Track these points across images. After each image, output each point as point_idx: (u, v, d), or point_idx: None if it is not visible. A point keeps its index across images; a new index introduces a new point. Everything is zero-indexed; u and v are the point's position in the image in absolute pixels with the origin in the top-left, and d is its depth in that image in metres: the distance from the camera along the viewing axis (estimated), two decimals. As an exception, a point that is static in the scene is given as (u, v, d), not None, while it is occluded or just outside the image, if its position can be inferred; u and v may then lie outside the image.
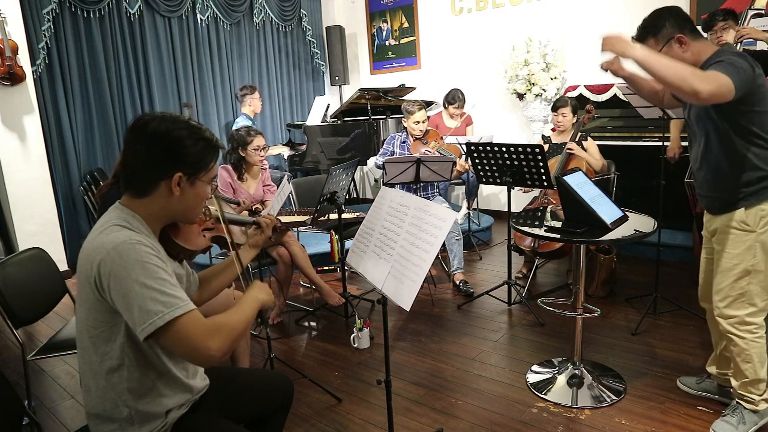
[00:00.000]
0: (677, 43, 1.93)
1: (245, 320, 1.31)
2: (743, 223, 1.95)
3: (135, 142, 1.29)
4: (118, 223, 1.26)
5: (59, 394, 2.77)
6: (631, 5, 4.74)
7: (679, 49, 1.93)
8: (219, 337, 1.21)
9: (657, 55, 1.86)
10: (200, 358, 1.22)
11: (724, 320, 2.06)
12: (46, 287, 2.40)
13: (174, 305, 1.17)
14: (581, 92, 4.73)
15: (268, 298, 1.42)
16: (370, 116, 5.33)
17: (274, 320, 3.47)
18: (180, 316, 1.17)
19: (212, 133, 1.38)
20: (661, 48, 1.95)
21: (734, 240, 1.98)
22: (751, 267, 1.96)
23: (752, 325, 2.01)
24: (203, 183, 1.35)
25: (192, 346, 1.18)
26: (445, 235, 1.59)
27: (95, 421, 1.34)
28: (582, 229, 2.24)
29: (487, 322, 3.33)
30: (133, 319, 1.17)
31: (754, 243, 1.94)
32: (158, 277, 1.19)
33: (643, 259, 4.11)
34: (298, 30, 6.68)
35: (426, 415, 2.39)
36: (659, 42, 1.96)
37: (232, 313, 1.30)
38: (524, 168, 3.24)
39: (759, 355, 2.01)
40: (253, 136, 3.25)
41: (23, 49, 4.25)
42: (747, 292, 1.99)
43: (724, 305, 2.05)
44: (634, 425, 2.22)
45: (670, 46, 1.94)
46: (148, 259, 1.20)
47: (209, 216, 1.52)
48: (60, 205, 4.70)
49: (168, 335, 1.17)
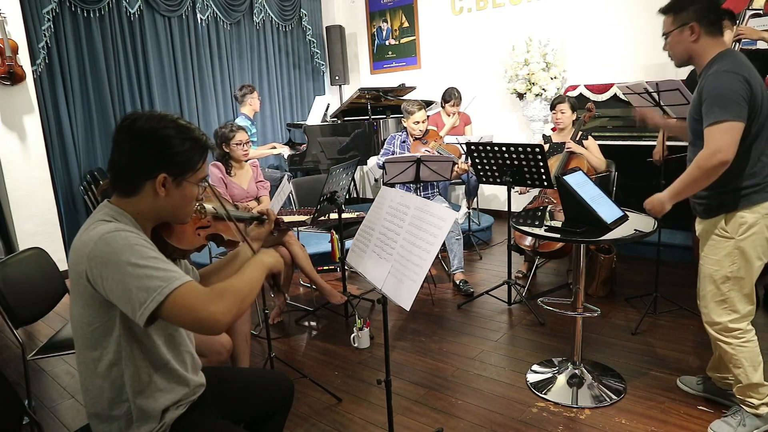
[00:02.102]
0: (689, 29, 1.93)
1: (249, 282, 1.28)
2: (723, 229, 1.97)
3: (122, 141, 1.27)
4: (104, 219, 1.26)
5: (59, 394, 2.77)
6: (631, 5, 4.74)
7: (689, 36, 1.94)
8: (222, 301, 1.19)
9: (678, 186, 1.96)
10: (208, 325, 1.17)
11: (710, 327, 2.07)
12: (46, 287, 2.40)
13: (171, 278, 1.17)
14: (581, 92, 4.73)
15: (274, 261, 1.38)
16: (370, 116, 5.33)
17: (274, 320, 3.47)
18: (179, 287, 1.16)
19: (202, 132, 1.34)
20: (674, 29, 1.97)
21: (715, 246, 2.00)
22: (731, 273, 1.97)
23: (737, 331, 2.01)
24: (191, 184, 1.32)
25: (196, 313, 1.16)
26: (445, 234, 1.59)
27: (95, 421, 1.34)
28: (582, 228, 2.24)
29: (487, 321, 3.33)
30: (131, 302, 1.15)
31: (733, 249, 1.95)
32: (149, 255, 1.18)
33: (643, 259, 4.11)
34: (298, 30, 6.68)
35: (426, 415, 2.39)
36: (675, 22, 1.97)
37: (236, 276, 1.28)
38: (524, 168, 3.23)
39: (749, 359, 2.01)
40: (235, 132, 3.33)
41: (23, 48, 4.25)
42: (728, 298, 1.99)
43: (708, 311, 2.06)
44: (634, 425, 2.22)
45: (682, 31, 1.95)
46: (135, 241, 1.19)
47: (204, 214, 1.50)
48: (60, 205, 4.71)
49: (171, 308, 1.15)
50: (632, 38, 4.76)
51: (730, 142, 1.81)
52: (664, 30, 2.03)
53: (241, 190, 3.36)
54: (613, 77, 4.78)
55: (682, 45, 1.98)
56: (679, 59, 2.04)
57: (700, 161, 1.85)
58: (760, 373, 2.03)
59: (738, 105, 1.80)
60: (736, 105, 1.80)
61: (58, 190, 4.69)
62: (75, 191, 4.83)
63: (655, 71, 4.63)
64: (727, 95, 1.81)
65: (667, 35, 2.02)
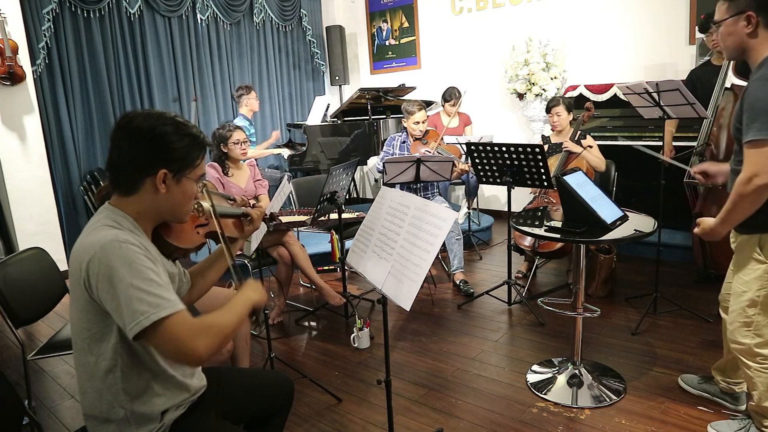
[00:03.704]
0: (745, 19, 1.72)
1: (235, 320, 1.29)
2: (757, 252, 1.84)
3: (120, 139, 1.27)
4: (107, 223, 1.25)
5: (59, 394, 2.77)
6: (630, 5, 4.74)
7: (745, 27, 1.73)
8: (206, 337, 1.19)
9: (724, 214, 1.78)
10: (188, 359, 1.19)
11: (733, 345, 1.97)
12: (46, 287, 2.40)
13: (160, 306, 1.16)
14: (581, 92, 4.73)
15: (260, 297, 1.39)
16: (370, 116, 5.33)
17: (274, 320, 3.47)
18: (167, 317, 1.16)
19: (199, 129, 1.35)
20: (728, 17, 1.76)
21: (746, 266, 1.89)
22: (758, 298, 1.86)
23: (759, 356, 1.89)
24: (190, 181, 1.33)
25: (179, 346, 1.16)
26: (445, 235, 1.59)
27: (92, 423, 1.33)
28: (582, 229, 2.24)
29: (487, 322, 3.33)
30: (122, 318, 1.16)
31: (764, 274, 1.83)
32: (146, 277, 1.18)
33: (643, 259, 4.11)
34: (298, 30, 6.68)
35: (426, 415, 2.39)
36: (730, 10, 1.76)
37: (222, 312, 1.28)
38: (524, 168, 3.23)
39: (765, 384, 1.90)
40: (233, 131, 3.33)
41: (23, 48, 4.25)
42: (753, 322, 1.88)
43: (733, 329, 1.95)
44: (634, 425, 2.22)
45: (737, 19, 1.74)
46: (135, 258, 1.19)
47: (202, 212, 1.50)
48: (60, 205, 4.71)
49: (155, 336, 1.16)
50: (632, 38, 4.76)
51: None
52: (717, 17, 1.81)
53: (240, 190, 3.37)
54: (613, 77, 4.78)
55: (735, 37, 1.76)
56: (731, 53, 1.83)
57: (738, 187, 1.69)
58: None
59: None
60: None
61: (58, 190, 4.69)
62: (75, 191, 4.83)
63: (655, 71, 4.63)
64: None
65: (719, 24, 1.80)
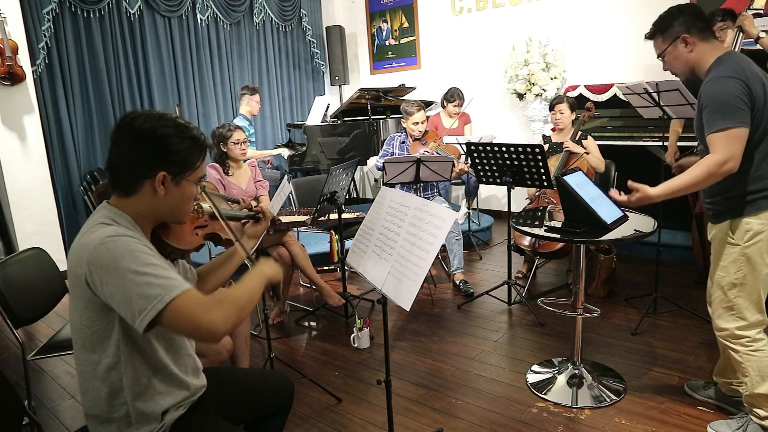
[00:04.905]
0: (682, 42, 1.93)
1: (249, 292, 1.29)
2: (730, 235, 1.95)
3: (120, 140, 1.27)
4: (104, 221, 1.25)
5: (59, 394, 2.77)
6: (630, 5, 4.74)
7: (684, 48, 1.94)
8: (221, 309, 1.19)
9: (672, 182, 1.93)
10: (206, 333, 1.18)
11: (717, 332, 2.05)
12: (46, 287, 2.40)
13: (171, 286, 1.16)
14: (581, 92, 4.72)
15: (274, 272, 1.39)
16: (370, 116, 5.33)
17: (274, 320, 3.47)
18: (179, 295, 1.16)
19: (200, 131, 1.35)
20: (666, 47, 1.97)
21: (722, 252, 1.99)
22: (737, 280, 1.95)
23: (744, 338, 1.97)
24: (189, 183, 1.32)
25: (195, 321, 1.16)
26: (445, 235, 1.59)
27: (93, 423, 1.34)
28: (582, 229, 2.24)
29: (487, 322, 3.33)
30: (131, 309, 1.15)
31: (739, 256, 1.93)
32: (149, 262, 1.18)
33: (643, 259, 4.11)
34: (298, 30, 6.68)
35: (426, 415, 2.39)
36: (666, 41, 1.97)
37: (236, 286, 1.29)
38: (524, 168, 3.23)
39: (757, 369, 1.95)
40: (233, 131, 3.32)
41: (23, 49, 4.25)
42: (735, 305, 1.97)
43: (716, 317, 2.04)
44: (634, 425, 2.22)
45: (675, 46, 1.95)
46: (135, 247, 1.19)
47: (201, 213, 1.50)
48: (60, 205, 4.71)
49: (170, 316, 1.16)
50: (632, 38, 4.76)
51: (740, 150, 1.78)
52: (658, 52, 2.01)
53: (240, 191, 3.36)
54: (613, 77, 4.78)
55: (680, 59, 1.96)
56: (684, 74, 2.01)
57: (712, 168, 1.81)
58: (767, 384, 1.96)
59: (741, 110, 1.77)
60: (738, 110, 1.77)
61: (58, 190, 4.69)
62: (75, 191, 4.83)
63: (655, 71, 4.62)
64: (728, 101, 1.78)
65: (662, 56, 2.01)
